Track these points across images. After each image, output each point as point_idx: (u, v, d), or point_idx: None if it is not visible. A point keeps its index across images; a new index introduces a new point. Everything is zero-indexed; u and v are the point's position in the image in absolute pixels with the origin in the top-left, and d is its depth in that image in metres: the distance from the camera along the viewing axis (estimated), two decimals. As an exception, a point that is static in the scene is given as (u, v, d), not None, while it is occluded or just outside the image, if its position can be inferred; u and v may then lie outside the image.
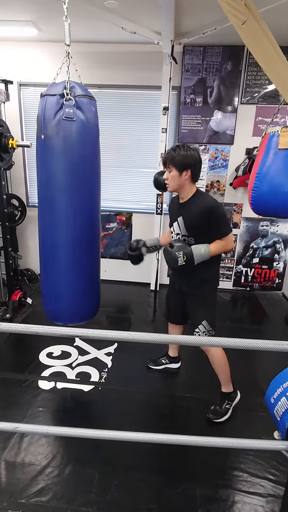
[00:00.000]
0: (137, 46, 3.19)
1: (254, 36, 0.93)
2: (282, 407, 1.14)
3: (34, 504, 1.50)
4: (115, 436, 1.10)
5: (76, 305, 1.84)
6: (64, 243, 1.73)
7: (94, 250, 1.86)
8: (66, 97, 1.52)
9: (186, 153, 1.77)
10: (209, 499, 1.56)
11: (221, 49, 3.21)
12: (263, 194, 1.76)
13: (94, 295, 1.94)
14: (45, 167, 1.66)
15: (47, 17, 2.72)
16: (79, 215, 1.71)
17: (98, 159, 1.76)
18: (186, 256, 1.72)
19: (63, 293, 1.81)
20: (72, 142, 1.59)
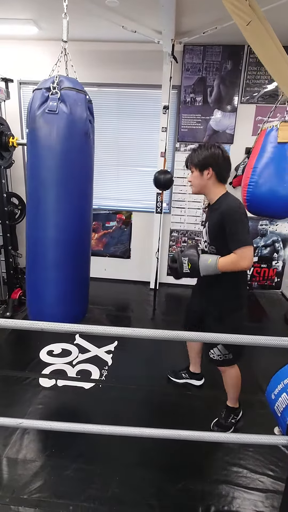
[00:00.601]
0: (138, 45, 3.19)
1: (259, 36, 0.93)
2: (282, 403, 1.15)
3: (36, 499, 1.51)
4: (118, 431, 1.11)
5: (59, 307, 1.70)
6: (44, 241, 1.63)
7: (80, 250, 1.73)
8: (52, 90, 1.49)
9: (206, 152, 1.63)
10: (209, 494, 1.58)
11: (221, 49, 3.22)
12: (260, 190, 1.73)
13: (79, 298, 1.80)
14: (30, 160, 1.61)
15: (47, 16, 2.72)
16: (61, 212, 1.61)
17: (86, 155, 1.64)
18: (190, 264, 1.59)
19: (45, 293, 1.69)
20: (54, 136, 1.51)
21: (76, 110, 1.53)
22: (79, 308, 1.82)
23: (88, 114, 1.61)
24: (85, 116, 1.57)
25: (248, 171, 1.79)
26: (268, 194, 1.77)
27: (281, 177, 1.72)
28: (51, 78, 1.54)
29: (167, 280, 3.87)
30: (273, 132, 1.72)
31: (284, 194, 1.74)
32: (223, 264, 1.56)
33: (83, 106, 1.56)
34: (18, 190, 3.57)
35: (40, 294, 1.70)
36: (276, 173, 1.72)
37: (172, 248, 3.87)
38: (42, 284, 1.68)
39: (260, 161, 1.73)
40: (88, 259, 1.85)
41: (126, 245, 3.94)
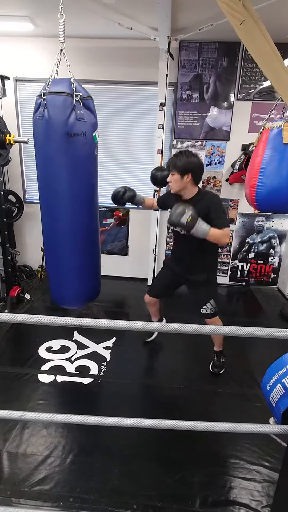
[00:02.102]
0: (134, 42, 3.19)
1: (252, 35, 0.95)
2: (277, 394, 1.18)
3: (36, 492, 1.53)
4: (116, 422, 1.14)
5: (77, 289, 1.93)
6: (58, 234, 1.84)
7: (91, 237, 1.91)
8: (43, 97, 1.57)
9: (187, 159, 1.94)
10: (207, 485, 1.61)
11: (217, 45, 3.23)
12: (270, 190, 1.76)
13: (94, 278, 2.02)
14: (36, 163, 1.77)
15: (43, 13, 2.71)
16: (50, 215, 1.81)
17: (71, 154, 1.67)
18: (191, 218, 1.81)
19: (65, 277, 1.91)
20: (40, 139, 1.66)
21: (54, 113, 1.57)
22: (94, 289, 2.02)
23: (77, 113, 1.60)
24: (65, 117, 1.58)
25: (253, 171, 1.81)
26: (276, 193, 1.81)
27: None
28: (45, 84, 1.58)
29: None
30: (278, 132, 1.74)
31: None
32: (213, 233, 1.88)
33: (61, 108, 1.58)
34: (15, 188, 3.57)
35: (59, 278, 1.92)
36: (283, 173, 1.75)
37: (169, 245, 3.89)
38: (60, 269, 1.89)
39: (267, 161, 1.76)
40: (97, 244, 2.00)
41: (124, 242, 3.95)
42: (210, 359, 2.44)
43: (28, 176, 3.79)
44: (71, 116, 1.58)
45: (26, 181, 3.82)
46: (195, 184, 2.02)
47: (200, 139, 3.51)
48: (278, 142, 1.72)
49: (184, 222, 1.81)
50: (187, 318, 2.70)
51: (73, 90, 1.58)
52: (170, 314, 2.90)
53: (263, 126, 1.81)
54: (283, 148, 1.71)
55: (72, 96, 1.58)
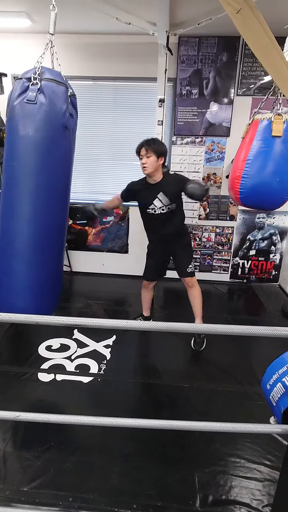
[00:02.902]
0: (132, 37, 3.16)
1: (249, 25, 0.93)
2: (277, 393, 1.16)
3: (36, 492, 1.53)
4: (114, 423, 1.12)
5: (25, 299, 1.68)
6: (14, 231, 1.62)
7: (50, 244, 1.69)
8: (32, 81, 1.48)
9: (161, 145, 2.33)
10: (207, 484, 1.60)
11: (217, 40, 3.19)
12: (255, 182, 1.72)
13: (48, 293, 1.78)
14: (6, 149, 1.60)
15: (40, 8, 2.68)
16: (30, 204, 1.59)
17: (63, 148, 1.62)
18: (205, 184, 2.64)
19: (11, 284, 1.67)
20: (31, 126, 1.50)
21: (55, 102, 1.51)
22: (48, 303, 1.80)
23: (69, 108, 1.58)
24: (64, 108, 1.54)
25: (239, 163, 1.76)
26: (261, 187, 1.76)
27: (275, 171, 1.71)
28: (33, 69, 1.53)
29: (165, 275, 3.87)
30: (267, 124, 1.70)
31: (277, 187, 1.74)
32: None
33: (62, 99, 1.54)
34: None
35: (5, 285, 1.67)
36: (270, 166, 1.71)
37: (169, 242, 3.87)
38: (8, 275, 1.65)
39: (254, 153, 1.71)
40: (60, 253, 1.81)
41: (124, 240, 3.93)
42: (207, 356, 2.42)
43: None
44: (67, 109, 1.55)
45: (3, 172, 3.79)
46: (162, 166, 2.36)
47: (200, 135, 3.47)
48: (267, 134, 1.68)
49: (209, 188, 2.37)
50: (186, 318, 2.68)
51: (67, 84, 1.56)
52: (170, 314, 2.89)
53: (252, 118, 1.77)
54: (272, 141, 1.68)
55: (67, 89, 1.56)
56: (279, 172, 1.70)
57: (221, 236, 3.81)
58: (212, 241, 3.83)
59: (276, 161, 1.69)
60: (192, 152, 3.55)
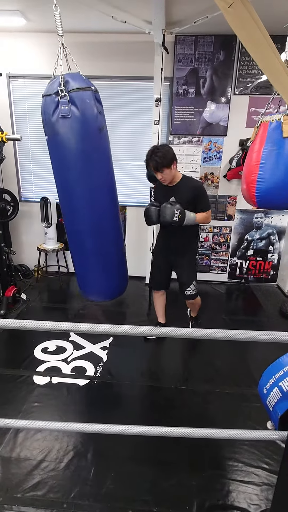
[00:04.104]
0: (128, 36, 3.13)
1: (241, 19, 0.90)
2: (274, 397, 1.14)
3: (29, 498, 1.50)
4: (107, 430, 1.10)
5: (104, 285, 2.06)
6: (79, 232, 1.91)
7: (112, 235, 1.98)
8: (60, 94, 1.51)
9: (164, 152, 2.13)
10: (204, 489, 1.58)
11: (213, 39, 3.16)
12: (271, 185, 1.70)
13: (119, 276, 2.17)
14: (55, 165, 1.76)
15: (34, 6, 2.64)
16: (90, 207, 1.81)
17: (103, 149, 1.79)
18: (181, 214, 2.15)
19: (89, 275, 2.03)
20: (72, 138, 1.62)
21: (86, 110, 1.58)
22: (121, 284, 2.20)
23: (98, 107, 1.65)
24: (95, 112, 1.62)
25: (252, 167, 1.74)
26: (277, 189, 1.75)
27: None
28: (56, 80, 1.53)
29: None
30: (277, 126, 1.69)
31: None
32: (200, 218, 2.26)
33: (91, 103, 1.60)
34: (10, 187, 3.52)
35: (85, 276, 2.05)
36: (284, 168, 1.70)
37: (167, 242, 3.85)
38: (86, 268, 2.00)
39: (266, 156, 1.70)
40: (119, 240, 2.08)
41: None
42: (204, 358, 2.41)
43: (23, 175, 3.74)
44: (96, 110, 1.61)
45: (21, 179, 3.76)
46: (176, 167, 2.27)
47: (197, 134, 3.45)
48: (277, 136, 1.66)
49: (177, 220, 2.16)
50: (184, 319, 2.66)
51: (90, 84, 1.57)
52: (168, 316, 2.86)
53: (260, 120, 1.75)
54: (283, 142, 1.66)
55: (91, 90, 1.57)
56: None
57: (219, 236, 3.79)
58: (210, 241, 3.81)
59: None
60: (189, 152, 3.53)
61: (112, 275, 2.06)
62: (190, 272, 2.49)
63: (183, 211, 2.16)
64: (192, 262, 2.50)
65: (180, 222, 2.16)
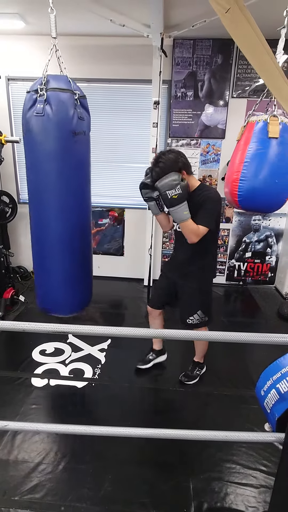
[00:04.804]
0: (127, 39, 3.14)
1: (238, 24, 0.91)
2: (271, 399, 1.15)
3: (27, 501, 1.50)
4: (105, 432, 1.10)
5: (68, 296, 1.86)
6: (45, 238, 1.77)
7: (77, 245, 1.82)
8: (39, 92, 1.51)
9: (169, 161, 1.76)
10: (202, 491, 1.58)
11: (211, 42, 3.19)
12: (253, 185, 1.69)
13: (85, 286, 1.95)
14: (27, 163, 1.69)
15: (34, 9, 2.66)
16: (55, 210, 1.70)
17: (76, 153, 1.67)
18: (177, 196, 1.69)
19: (55, 285, 1.84)
20: (42, 137, 1.57)
21: (61, 111, 1.54)
22: (83, 297, 1.94)
23: (78, 111, 1.60)
24: (71, 115, 1.57)
25: (235, 165, 1.74)
26: (260, 189, 1.74)
27: (272, 173, 1.70)
28: (40, 80, 1.53)
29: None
30: (263, 126, 1.69)
31: (275, 189, 1.73)
32: (188, 226, 1.77)
33: (68, 105, 1.56)
34: (8, 188, 3.52)
35: (46, 285, 1.85)
36: (268, 168, 1.69)
37: (165, 244, 3.86)
38: (48, 277, 1.83)
39: (251, 155, 1.69)
40: (86, 251, 1.91)
41: (119, 242, 3.91)
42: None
43: (22, 176, 3.74)
44: (74, 114, 1.57)
45: (19, 181, 3.77)
46: (191, 174, 1.89)
47: (195, 137, 3.47)
48: (263, 136, 1.67)
49: (168, 196, 1.69)
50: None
51: (73, 88, 1.55)
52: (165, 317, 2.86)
53: (247, 120, 1.76)
54: (268, 142, 1.66)
55: (73, 94, 1.56)
56: (277, 174, 1.68)
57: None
58: (208, 243, 3.82)
59: (274, 163, 1.67)
60: (188, 154, 3.48)
61: (74, 288, 1.85)
62: (196, 301, 2.03)
63: (183, 197, 1.70)
64: (199, 291, 2.02)
65: (170, 202, 1.71)
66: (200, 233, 1.79)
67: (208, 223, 1.81)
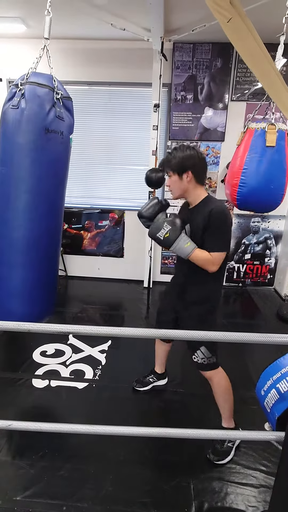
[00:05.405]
0: (127, 43, 3.18)
1: (239, 33, 0.94)
2: (271, 399, 1.16)
3: (29, 501, 1.50)
4: (107, 431, 1.11)
5: (18, 304, 1.69)
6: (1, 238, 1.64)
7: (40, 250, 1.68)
8: (19, 86, 1.49)
9: (182, 154, 1.57)
10: (202, 491, 1.59)
11: (211, 46, 3.22)
12: (251, 190, 1.79)
13: (41, 298, 1.77)
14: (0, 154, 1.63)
15: (35, 14, 2.69)
16: (15, 210, 1.60)
17: (49, 151, 1.59)
18: (168, 234, 1.51)
19: (16, 291, 1.69)
20: (13, 130, 1.53)
21: (35, 105, 1.50)
22: (41, 308, 1.78)
23: (57, 110, 1.56)
24: (46, 111, 1.52)
25: (235, 170, 1.83)
26: (257, 194, 1.84)
27: (269, 179, 1.80)
28: (23, 75, 1.54)
29: (161, 279, 3.88)
30: (261, 134, 1.76)
31: (271, 194, 1.85)
32: (197, 257, 1.54)
33: (44, 101, 1.52)
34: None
35: (6, 291, 1.67)
36: (264, 175, 1.80)
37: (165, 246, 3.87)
38: (8, 281, 1.66)
39: (249, 163, 1.80)
40: (52, 258, 1.80)
41: (119, 244, 3.93)
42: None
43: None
44: (51, 111, 1.53)
45: None
46: (200, 183, 1.62)
47: (195, 140, 3.49)
48: (260, 144, 1.75)
49: (161, 237, 1.52)
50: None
51: (55, 86, 1.54)
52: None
53: (247, 126, 1.82)
54: (266, 151, 1.76)
55: (53, 91, 1.54)
56: (272, 180, 1.78)
57: (217, 240, 3.82)
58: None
59: (270, 170, 1.76)
60: (187, 157, 3.57)
61: (31, 298, 1.71)
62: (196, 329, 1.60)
63: (174, 232, 1.51)
64: (201, 319, 1.70)
65: (165, 243, 1.54)
66: (216, 261, 1.54)
67: (222, 247, 1.56)
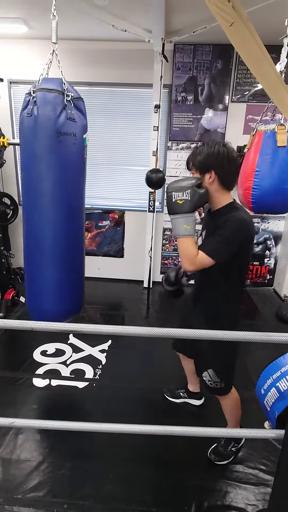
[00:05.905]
0: (128, 44, 3.19)
1: (241, 37, 0.95)
2: (271, 398, 1.17)
3: (30, 499, 1.52)
4: (109, 429, 1.12)
5: (54, 302, 1.78)
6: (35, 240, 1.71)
7: (77, 244, 1.79)
8: (32, 94, 1.53)
9: (209, 151, 1.38)
10: (202, 489, 1.60)
11: (211, 48, 3.24)
12: (265, 192, 1.78)
13: (77, 292, 1.87)
14: (20, 162, 1.71)
15: (36, 14, 2.70)
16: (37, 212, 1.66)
17: (61, 154, 1.61)
18: (182, 202, 1.34)
19: (41, 289, 1.77)
20: (29, 138, 1.58)
21: (45, 110, 1.53)
22: (74, 303, 1.88)
23: (68, 112, 1.57)
24: (56, 115, 1.55)
25: (248, 174, 1.81)
26: (271, 196, 1.83)
27: (283, 180, 1.78)
28: (35, 82, 1.56)
29: (161, 279, 3.88)
30: (272, 135, 1.77)
31: (286, 194, 1.82)
32: (184, 245, 1.39)
33: (53, 105, 1.54)
34: (9, 190, 3.55)
35: (37, 290, 1.78)
36: (278, 176, 1.78)
37: (165, 246, 3.89)
38: (38, 281, 1.75)
39: (261, 164, 1.78)
40: (81, 256, 1.87)
41: (119, 244, 3.94)
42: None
43: (23, 178, 3.77)
44: (61, 114, 1.55)
45: (20, 183, 3.79)
46: (225, 188, 1.42)
47: (195, 141, 3.51)
48: (271, 145, 1.75)
49: (172, 199, 1.35)
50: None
51: (65, 89, 1.56)
52: (165, 319, 2.89)
53: (256, 128, 1.83)
54: (277, 151, 1.74)
55: (63, 95, 1.56)
56: (286, 180, 1.76)
57: (216, 241, 3.84)
58: (208, 245, 3.85)
59: (283, 170, 1.75)
60: (188, 157, 3.58)
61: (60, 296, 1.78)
62: (207, 352, 1.59)
63: (190, 205, 1.34)
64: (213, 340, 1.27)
65: (170, 206, 1.37)
66: (196, 262, 1.37)
67: (214, 253, 1.36)
